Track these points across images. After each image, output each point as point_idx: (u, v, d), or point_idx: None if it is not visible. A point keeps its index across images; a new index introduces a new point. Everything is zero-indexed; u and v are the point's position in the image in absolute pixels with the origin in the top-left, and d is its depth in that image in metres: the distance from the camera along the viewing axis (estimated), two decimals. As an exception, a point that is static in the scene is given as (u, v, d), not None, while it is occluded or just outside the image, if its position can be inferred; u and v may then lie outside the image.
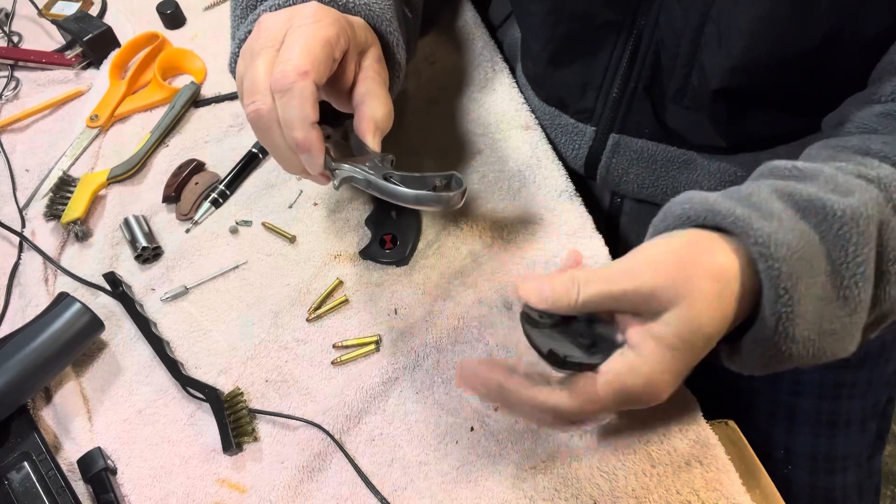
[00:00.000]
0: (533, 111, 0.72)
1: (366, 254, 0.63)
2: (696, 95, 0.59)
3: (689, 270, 0.40)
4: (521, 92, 0.74)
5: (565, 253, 0.52)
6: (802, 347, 0.41)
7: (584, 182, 0.71)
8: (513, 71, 0.76)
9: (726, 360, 0.46)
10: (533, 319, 0.45)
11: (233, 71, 0.54)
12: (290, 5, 0.50)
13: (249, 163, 0.72)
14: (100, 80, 0.81)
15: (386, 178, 0.47)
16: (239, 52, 0.52)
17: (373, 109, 0.49)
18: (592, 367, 0.43)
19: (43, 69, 0.85)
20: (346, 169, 0.47)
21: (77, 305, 0.58)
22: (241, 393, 0.57)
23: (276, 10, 0.51)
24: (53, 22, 0.87)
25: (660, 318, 0.41)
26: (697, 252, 0.41)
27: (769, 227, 0.40)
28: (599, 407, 0.43)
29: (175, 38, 0.86)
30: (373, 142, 0.49)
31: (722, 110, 0.59)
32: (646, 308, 0.41)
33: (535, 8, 0.63)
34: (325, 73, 0.46)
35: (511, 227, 0.63)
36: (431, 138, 0.71)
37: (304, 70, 0.44)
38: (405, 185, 0.47)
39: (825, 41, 0.51)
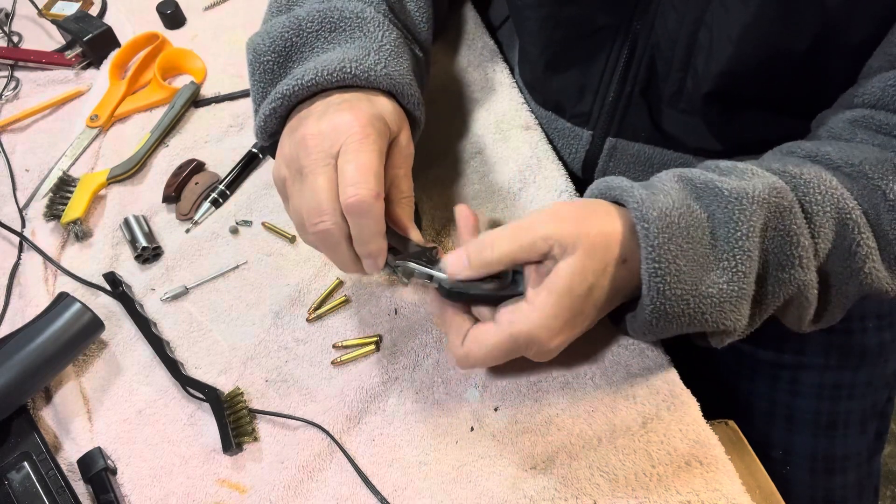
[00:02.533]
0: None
1: (366, 254, 0.63)
2: (690, 99, 0.59)
3: (582, 226, 0.46)
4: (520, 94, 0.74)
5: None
6: (677, 306, 0.46)
7: (583, 185, 0.71)
8: (512, 71, 0.76)
9: (630, 330, 0.52)
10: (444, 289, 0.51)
11: (266, 149, 0.55)
12: (313, 86, 0.51)
13: (249, 163, 0.72)
14: (100, 80, 0.81)
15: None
16: (265, 125, 0.53)
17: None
18: (487, 300, 0.49)
19: (43, 69, 0.85)
20: (411, 267, 0.51)
21: (77, 305, 0.58)
22: (241, 393, 0.57)
23: (302, 95, 0.51)
24: (53, 22, 0.87)
25: (554, 270, 0.46)
26: (591, 212, 0.48)
27: (647, 196, 0.46)
28: (490, 352, 0.48)
29: (175, 38, 0.86)
30: (416, 236, 0.52)
31: (715, 113, 0.60)
32: (546, 257, 0.47)
33: (532, 14, 0.64)
34: (383, 184, 0.48)
35: (511, 228, 0.63)
36: (431, 139, 0.71)
37: (377, 192, 0.46)
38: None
39: (811, 48, 0.52)
